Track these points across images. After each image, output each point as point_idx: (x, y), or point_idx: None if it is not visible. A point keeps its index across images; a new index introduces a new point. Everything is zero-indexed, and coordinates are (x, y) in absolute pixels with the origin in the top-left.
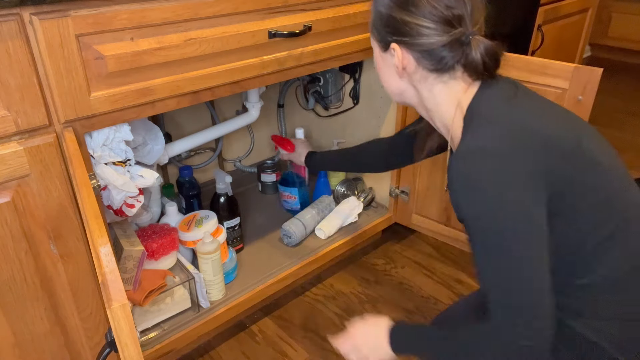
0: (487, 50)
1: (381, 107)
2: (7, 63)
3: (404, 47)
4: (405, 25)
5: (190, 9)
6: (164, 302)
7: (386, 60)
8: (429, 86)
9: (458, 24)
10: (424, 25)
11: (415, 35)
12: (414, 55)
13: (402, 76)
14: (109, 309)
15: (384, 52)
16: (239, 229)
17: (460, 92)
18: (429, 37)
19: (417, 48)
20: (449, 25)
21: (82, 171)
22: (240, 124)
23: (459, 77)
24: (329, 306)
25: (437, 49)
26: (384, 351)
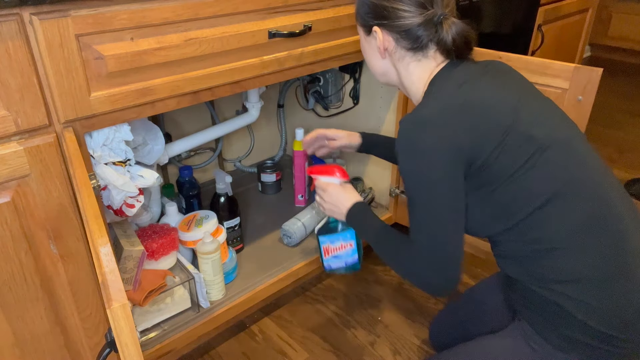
0: (458, 30)
1: (381, 107)
2: (7, 63)
3: (384, 29)
4: (384, 9)
5: (190, 9)
6: (164, 302)
7: (370, 43)
8: (406, 64)
9: (430, 6)
10: (400, 8)
11: (393, 17)
12: (393, 36)
13: (384, 57)
14: (109, 309)
15: (368, 35)
16: (239, 229)
17: (430, 70)
18: (405, 19)
19: (396, 29)
20: (422, 7)
21: (82, 171)
22: (240, 124)
23: (431, 56)
24: (329, 306)
25: (412, 29)
26: (340, 214)
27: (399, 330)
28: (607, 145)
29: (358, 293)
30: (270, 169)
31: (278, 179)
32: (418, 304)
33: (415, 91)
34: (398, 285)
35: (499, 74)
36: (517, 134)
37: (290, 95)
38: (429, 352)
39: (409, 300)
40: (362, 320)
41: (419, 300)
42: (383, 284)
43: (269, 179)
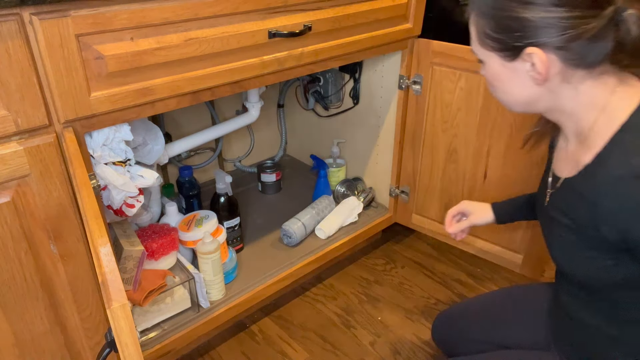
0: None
1: (381, 107)
2: (7, 63)
3: (543, 48)
4: (539, 23)
5: (190, 9)
6: (164, 302)
7: (515, 69)
8: (574, 86)
9: (608, 2)
10: (564, 16)
11: (555, 31)
12: (558, 54)
13: (541, 84)
14: (109, 309)
15: (511, 61)
16: (239, 229)
17: (610, 90)
18: (574, 29)
19: (561, 45)
20: (597, 7)
21: (82, 171)
22: (240, 124)
23: (610, 71)
24: (329, 306)
25: (587, 40)
26: None
27: (399, 330)
28: None
29: (358, 293)
30: (270, 169)
31: (278, 179)
32: (418, 304)
33: (579, 118)
34: (398, 285)
35: None
36: None
37: (290, 95)
38: (429, 352)
39: (409, 300)
40: (362, 320)
41: (419, 300)
42: (383, 284)
43: (269, 179)
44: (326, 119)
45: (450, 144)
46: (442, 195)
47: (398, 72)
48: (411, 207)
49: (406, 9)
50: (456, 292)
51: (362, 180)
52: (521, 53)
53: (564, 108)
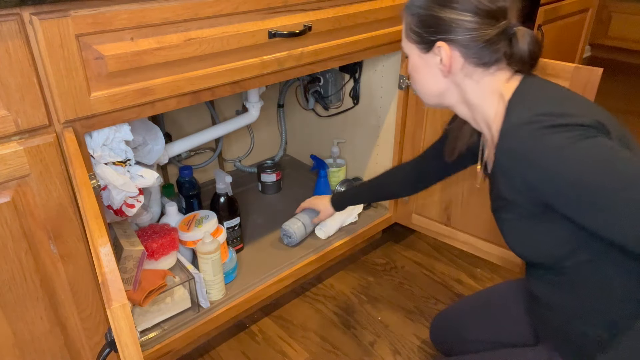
0: (531, 40)
1: (381, 107)
2: (7, 63)
3: (450, 44)
4: (449, 22)
5: (190, 9)
6: (164, 302)
7: (428, 61)
8: (475, 81)
9: (503, 17)
10: (469, 20)
11: (461, 31)
12: (460, 51)
13: (446, 75)
14: (109, 309)
15: (426, 53)
16: (239, 229)
17: (503, 83)
18: (475, 32)
19: (464, 44)
20: (494, 19)
21: (82, 171)
22: (240, 124)
23: (503, 69)
24: (329, 306)
25: (484, 43)
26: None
27: (399, 330)
28: None
29: (358, 293)
30: (270, 169)
31: (278, 179)
32: (418, 304)
33: (485, 107)
34: (398, 285)
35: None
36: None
37: (290, 95)
38: (429, 352)
39: (409, 300)
40: (362, 320)
41: (419, 300)
42: (383, 284)
43: (269, 179)
44: (326, 119)
45: None
46: (442, 195)
47: (398, 72)
48: (411, 207)
49: None
50: (456, 292)
51: (362, 180)
52: (433, 47)
53: (470, 101)
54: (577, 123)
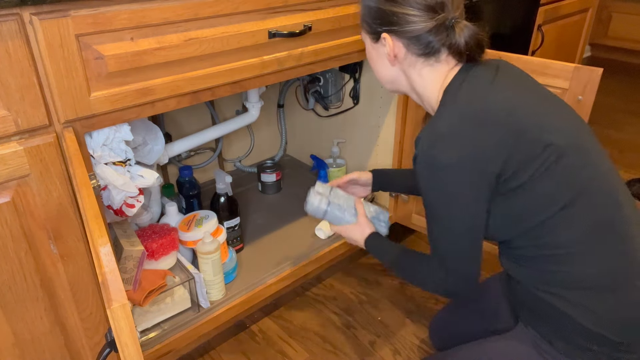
0: (470, 33)
1: (381, 107)
2: (7, 63)
3: (393, 35)
4: (393, 15)
5: (190, 9)
6: (164, 302)
7: (378, 50)
8: (418, 70)
9: (441, 10)
10: (410, 13)
11: (403, 23)
12: (403, 42)
13: (393, 64)
14: (109, 309)
15: (375, 42)
16: (239, 229)
17: (444, 74)
18: (416, 24)
19: (406, 35)
20: (433, 12)
21: (82, 171)
22: (240, 124)
23: (443, 60)
24: (329, 306)
25: (423, 34)
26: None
27: (399, 330)
28: (607, 145)
29: (358, 293)
30: (270, 169)
31: (278, 179)
32: (418, 304)
33: (429, 96)
34: (398, 285)
35: (511, 77)
36: (537, 142)
37: (290, 95)
38: (429, 351)
39: (409, 300)
40: (362, 320)
41: (419, 300)
42: (383, 284)
43: (269, 179)
44: (326, 119)
45: None
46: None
47: None
48: (411, 207)
49: None
50: None
51: None
52: (380, 37)
53: (417, 89)
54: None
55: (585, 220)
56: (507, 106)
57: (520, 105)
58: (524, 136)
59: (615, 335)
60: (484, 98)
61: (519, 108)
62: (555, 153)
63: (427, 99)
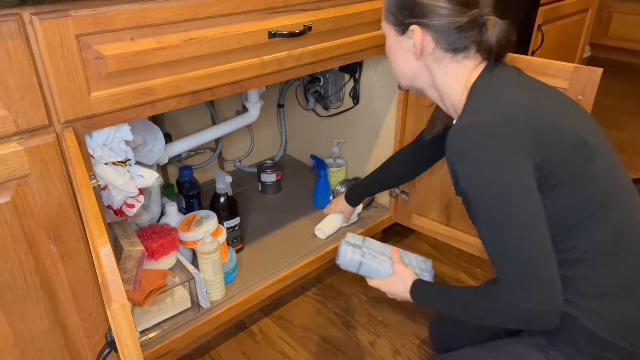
0: (501, 30)
1: (381, 107)
2: (7, 63)
3: (423, 28)
4: (425, 7)
5: (190, 9)
6: (164, 302)
7: (402, 43)
8: (444, 66)
9: (474, 5)
10: (443, 6)
11: (434, 16)
12: (432, 36)
13: (418, 58)
14: (109, 309)
15: (401, 35)
16: (239, 229)
17: (469, 71)
18: (448, 18)
19: (436, 29)
20: (466, 6)
21: (82, 171)
22: (240, 124)
23: (471, 57)
24: (329, 306)
25: (455, 29)
26: (405, 297)
27: (399, 330)
28: None
29: (358, 293)
30: (270, 169)
31: (278, 179)
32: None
33: (451, 94)
34: None
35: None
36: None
37: (290, 95)
38: (429, 352)
39: None
40: (362, 320)
41: None
42: None
43: (269, 179)
44: (326, 119)
45: None
46: (442, 195)
47: None
48: (411, 207)
49: None
50: None
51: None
52: (407, 29)
53: (438, 86)
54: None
55: (612, 223)
56: (539, 104)
57: (550, 104)
58: (561, 132)
59: (624, 340)
60: (517, 95)
61: (550, 107)
62: (589, 151)
63: (448, 97)
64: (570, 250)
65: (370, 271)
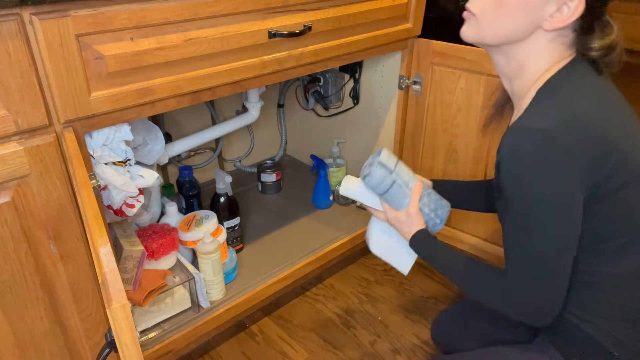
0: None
1: (381, 107)
2: (7, 63)
3: None
4: None
5: (190, 9)
6: (164, 302)
7: (531, 4)
8: (548, 42)
9: None
10: None
11: None
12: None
13: (548, 29)
14: (109, 309)
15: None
16: (239, 229)
17: (557, 59)
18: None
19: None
20: None
21: (82, 171)
22: (240, 124)
23: (569, 45)
24: (329, 306)
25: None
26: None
27: (399, 330)
28: None
29: (358, 293)
30: (270, 169)
31: (278, 179)
32: (418, 304)
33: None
34: (398, 285)
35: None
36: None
37: (290, 95)
38: (429, 352)
39: (409, 300)
40: (362, 320)
41: (419, 300)
42: (383, 284)
43: (269, 179)
44: (326, 119)
45: (451, 144)
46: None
47: (398, 72)
48: None
49: (406, 9)
50: (456, 292)
51: None
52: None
53: (524, 61)
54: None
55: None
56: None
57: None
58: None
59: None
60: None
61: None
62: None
63: (526, 77)
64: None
65: (393, 199)
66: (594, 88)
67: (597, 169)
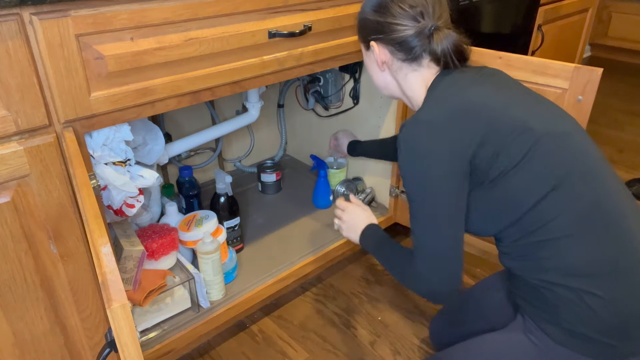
0: (450, 41)
1: (381, 107)
2: (7, 63)
3: (380, 43)
4: (379, 24)
5: (190, 9)
6: (164, 302)
7: (370, 57)
8: (404, 75)
9: (421, 18)
10: (393, 22)
11: (387, 31)
12: (389, 49)
13: (382, 69)
14: (109, 309)
15: (367, 50)
16: (239, 229)
17: (428, 78)
18: (398, 32)
19: (390, 42)
20: (414, 20)
21: (82, 171)
22: (240, 124)
23: (425, 65)
24: (329, 306)
25: (405, 41)
26: (355, 236)
27: (399, 330)
28: (607, 145)
29: (358, 293)
30: (270, 169)
31: (278, 179)
32: (418, 304)
33: (416, 98)
34: (398, 285)
35: (491, 77)
36: (512, 127)
37: (290, 95)
38: (429, 352)
39: (409, 300)
40: (362, 320)
41: (419, 300)
42: (383, 284)
43: (269, 179)
44: (326, 119)
45: None
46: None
47: None
48: None
49: None
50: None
51: (362, 180)
52: (369, 45)
53: (406, 93)
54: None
55: (574, 203)
56: (483, 98)
57: (498, 97)
58: (499, 123)
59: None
60: (462, 91)
61: (497, 99)
62: (536, 138)
63: (415, 101)
64: (538, 233)
65: None
66: (467, 80)
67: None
